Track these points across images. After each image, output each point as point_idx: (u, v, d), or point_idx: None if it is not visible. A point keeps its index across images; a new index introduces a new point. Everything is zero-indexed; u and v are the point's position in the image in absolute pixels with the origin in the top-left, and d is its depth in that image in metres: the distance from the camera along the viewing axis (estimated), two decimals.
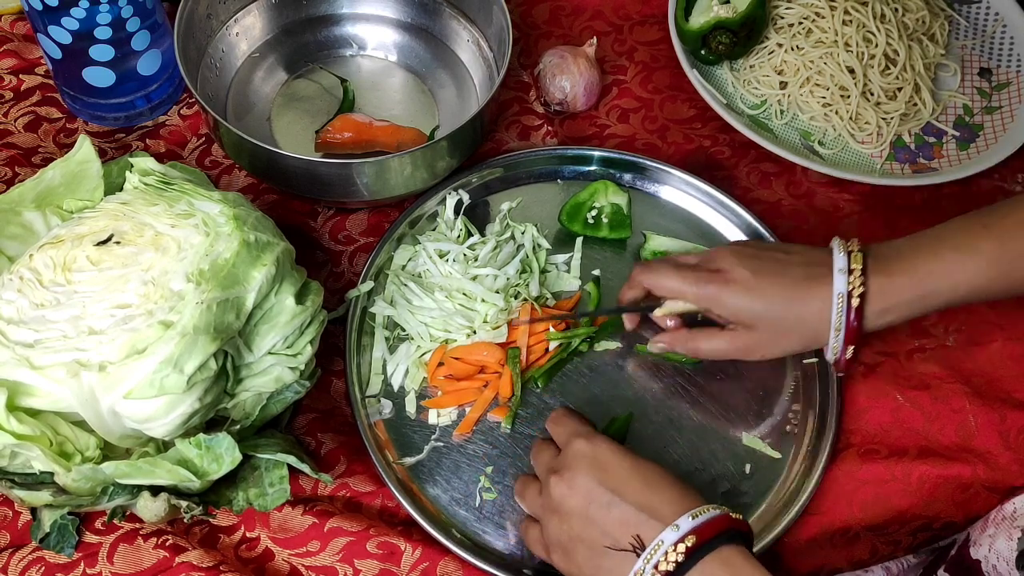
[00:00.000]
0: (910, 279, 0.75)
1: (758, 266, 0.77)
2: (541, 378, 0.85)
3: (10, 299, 0.70)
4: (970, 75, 1.08)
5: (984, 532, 0.77)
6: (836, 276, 0.75)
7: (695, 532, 0.62)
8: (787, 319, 0.76)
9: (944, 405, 0.85)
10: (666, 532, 0.63)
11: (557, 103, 1.00)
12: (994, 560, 0.75)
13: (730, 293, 0.76)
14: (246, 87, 1.00)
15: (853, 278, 0.74)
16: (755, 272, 0.76)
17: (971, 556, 0.77)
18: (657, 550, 0.62)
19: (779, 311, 0.76)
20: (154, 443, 0.71)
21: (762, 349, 0.78)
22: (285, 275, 0.74)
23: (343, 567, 0.75)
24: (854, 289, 0.74)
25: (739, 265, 0.77)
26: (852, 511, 0.81)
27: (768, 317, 0.76)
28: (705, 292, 0.78)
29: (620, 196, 0.94)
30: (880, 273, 0.75)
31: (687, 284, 0.78)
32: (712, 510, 0.64)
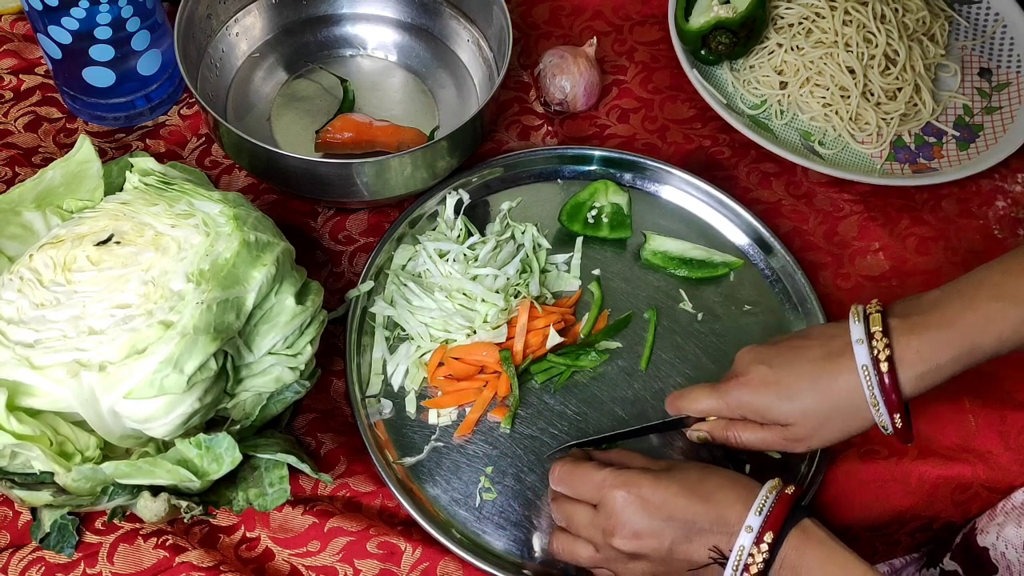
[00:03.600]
0: (950, 335, 0.68)
1: (774, 359, 0.73)
2: (539, 376, 0.85)
3: (10, 299, 0.70)
4: (970, 75, 1.08)
5: (992, 521, 0.77)
6: (855, 348, 0.69)
7: (768, 526, 0.64)
8: (820, 407, 0.71)
9: (944, 405, 0.85)
10: (743, 536, 0.65)
11: (557, 103, 1.00)
12: (1003, 547, 0.75)
13: (753, 395, 0.73)
14: (246, 87, 1.00)
15: (875, 343, 0.69)
16: (772, 366, 0.72)
17: (978, 544, 0.77)
18: (742, 554, 0.64)
19: (808, 401, 0.71)
20: (154, 443, 0.71)
21: (807, 441, 0.73)
22: (285, 275, 0.74)
23: (343, 567, 0.75)
24: (879, 355, 0.68)
25: (756, 363, 0.73)
26: (852, 511, 0.81)
27: (799, 409, 0.71)
28: (732, 401, 0.74)
29: (620, 196, 0.94)
30: (909, 333, 0.69)
31: (715, 400, 0.75)
32: (770, 494, 0.66)
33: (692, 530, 0.67)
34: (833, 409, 0.71)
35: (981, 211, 0.99)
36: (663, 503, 0.67)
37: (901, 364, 0.68)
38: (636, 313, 0.89)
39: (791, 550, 0.64)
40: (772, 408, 0.72)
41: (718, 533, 0.66)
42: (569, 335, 0.87)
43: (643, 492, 0.68)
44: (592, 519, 0.70)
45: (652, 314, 0.89)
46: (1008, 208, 0.99)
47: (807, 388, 0.71)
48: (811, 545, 0.64)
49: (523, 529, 0.79)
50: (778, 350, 0.74)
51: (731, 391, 0.74)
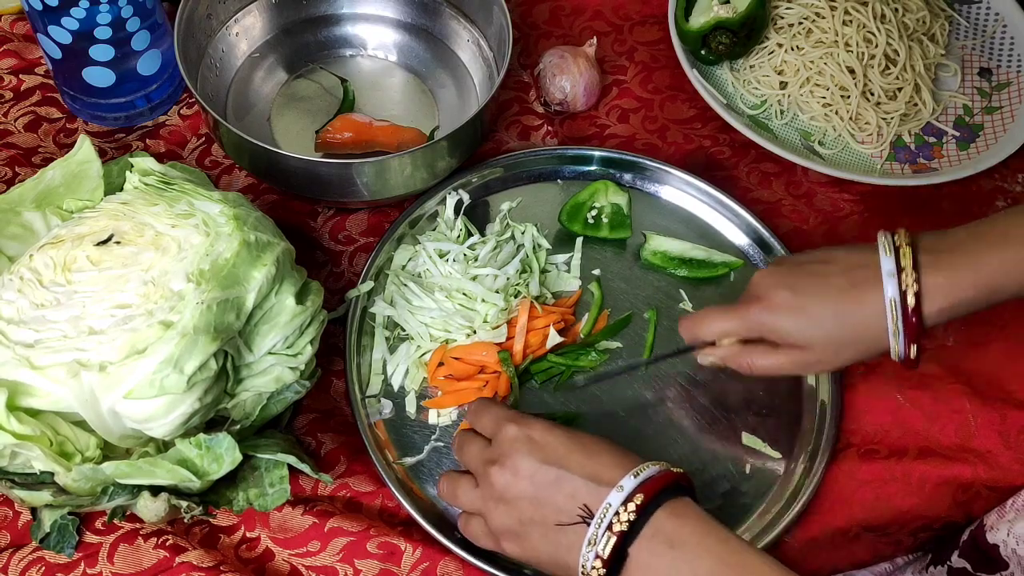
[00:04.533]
0: (975, 273, 0.69)
1: (796, 283, 0.73)
2: (539, 376, 0.85)
3: (10, 299, 0.70)
4: (970, 75, 1.08)
5: (1003, 518, 0.77)
6: (886, 280, 0.70)
7: (641, 490, 0.63)
8: (841, 334, 0.72)
9: (944, 405, 0.85)
10: (612, 494, 0.63)
11: (557, 103, 1.00)
12: (1013, 544, 0.75)
13: (775, 318, 0.73)
14: (246, 87, 1.00)
15: (905, 277, 0.69)
16: (795, 291, 0.73)
17: (988, 541, 0.77)
18: (607, 512, 0.63)
19: (830, 327, 0.72)
20: (154, 443, 0.71)
21: (821, 365, 0.75)
22: (285, 275, 0.74)
23: (343, 567, 0.75)
24: (907, 289, 0.69)
25: (777, 287, 0.73)
26: (852, 511, 0.81)
27: (820, 335, 0.72)
28: (751, 323, 0.74)
29: (620, 196, 0.94)
30: (936, 270, 0.69)
31: (732, 321, 0.75)
32: (652, 466, 0.65)
33: (565, 480, 0.65)
34: (853, 336, 0.72)
35: (981, 211, 0.99)
36: (547, 445, 0.67)
37: (926, 299, 0.70)
38: (636, 313, 0.89)
39: (667, 519, 0.62)
40: (793, 332, 0.73)
41: (591, 491, 0.64)
42: (569, 335, 0.87)
43: (533, 432, 0.68)
44: (481, 450, 0.70)
45: (652, 314, 0.89)
46: (1008, 208, 0.99)
47: (830, 316, 0.72)
48: (690, 517, 0.63)
49: None
50: (800, 274, 0.74)
51: (751, 313, 0.74)
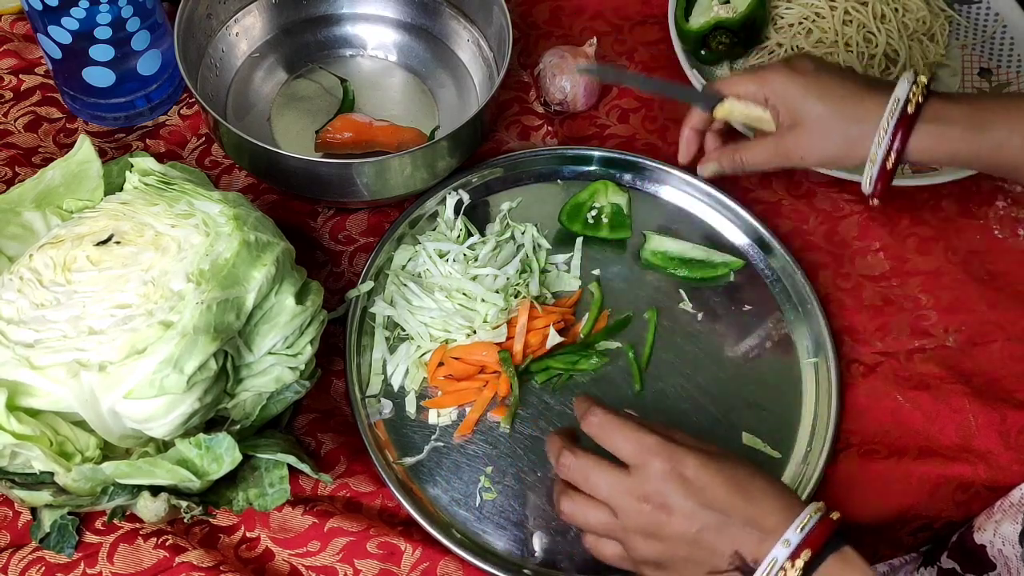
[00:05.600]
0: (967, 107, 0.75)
1: (824, 65, 0.79)
2: (539, 376, 0.85)
3: (10, 299, 0.70)
4: (970, 75, 1.08)
5: (990, 519, 0.77)
6: (899, 84, 0.76)
7: (807, 543, 0.61)
8: (835, 115, 0.77)
9: (944, 405, 0.85)
10: (778, 548, 0.61)
11: (557, 103, 1.00)
12: (999, 544, 0.75)
13: (791, 81, 0.78)
14: (246, 87, 1.00)
15: (916, 88, 0.75)
16: (817, 67, 0.79)
17: (975, 541, 0.77)
18: (773, 567, 0.61)
19: (831, 106, 0.77)
20: (154, 443, 0.71)
21: (802, 149, 0.79)
22: (285, 275, 0.74)
23: (343, 567, 0.75)
24: (912, 96, 0.74)
25: (807, 59, 0.79)
26: (852, 511, 0.81)
27: (819, 109, 0.77)
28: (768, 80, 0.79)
29: (620, 196, 0.94)
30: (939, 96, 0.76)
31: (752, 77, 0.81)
32: (813, 514, 0.62)
33: (724, 524, 0.63)
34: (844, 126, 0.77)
35: (981, 211, 0.99)
36: (704, 487, 0.63)
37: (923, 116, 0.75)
38: (636, 313, 0.89)
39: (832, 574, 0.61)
40: (799, 97, 0.78)
41: (748, 537, 0.62)
42: (569, 335, 0.87)
43: (687, 470, 0.64)
44: (619, 481, 0.65)
45: (652, 314, 0.89)
46: (1008, 208, 0.99)
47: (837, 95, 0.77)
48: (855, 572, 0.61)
49: (523, 529, 0.79)
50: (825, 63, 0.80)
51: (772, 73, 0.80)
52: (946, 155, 0.76)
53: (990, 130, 0.75)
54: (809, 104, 0.77)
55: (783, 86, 0.79)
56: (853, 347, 0.89)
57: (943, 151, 0.76)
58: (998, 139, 0.75)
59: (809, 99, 0.77)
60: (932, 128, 0.75)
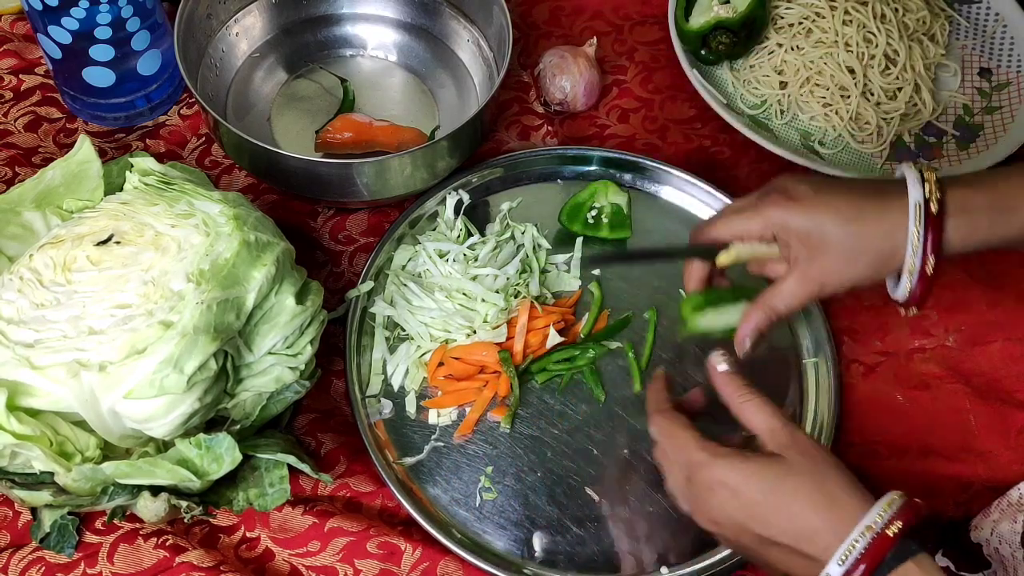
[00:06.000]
0: (990, 192, 0.69)
1: (822, 186, 0.71)
2: (539, 376, 0.85)
3: (10, 299, 0.70)
4: (970, 75, 1.08)
5: (987, 518, 0.77)
6: (911, 186, 0.68)
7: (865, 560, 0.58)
8: (858, 236, 0.69)
9: (944, 405, 0.85)
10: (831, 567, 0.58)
11: (557, 103, 1.00)
12: (996, 543, 0.75)
13: (795, 212, 0.69)
14: (246, 87, 1.00)
15: (929, 186, 0.68)
16: (817, 190, 0.70)
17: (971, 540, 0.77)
18: None
19: (851, 227, 0.69)
20: (154, 443, 0.71)
21: (832, 277, 0.70)
22: (285, 275, 0.74)
23: (343, 567, 0.75)
24: (931, 196, 0.67)
25: (801, 183, 0.71)
26: None
27: (838, 234, 0.69)
28: (769, 217, 0.71)
29: (620, 196, 0.94)
30: (956, 186, 0.69)
31: (751, 219, 0.72)
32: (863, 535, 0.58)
33: (768, 543, 0.62)
34: (871, 244, 0.69)
35: None
36: (748, 504, 0.62)
37: (949, 212, 0.68)
38: (636, 313, 0.89)
39: None
40: (812, 227, 0.69)
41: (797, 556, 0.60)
42: (569, 335, 0.87)
43: (731, 482, 0.63)
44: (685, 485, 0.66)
45: (652, 314, 0.89)
46: None
47: (851, 212, 0.69)
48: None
49: (523, 529, 0.79)
50: (821, 181, 0.72)
51: (771, 209, 0.71)
52: (979, 243, 0.70)
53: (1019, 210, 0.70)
54: (827, 231, 0.69)
55: (789, 219, 0.70)
56: (853, 347, 0.89)
57: (975, 240, 0.70)
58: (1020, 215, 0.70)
59: (825, 226, 0.69)
60: (960, 222, 0.69)
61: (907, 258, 0.68)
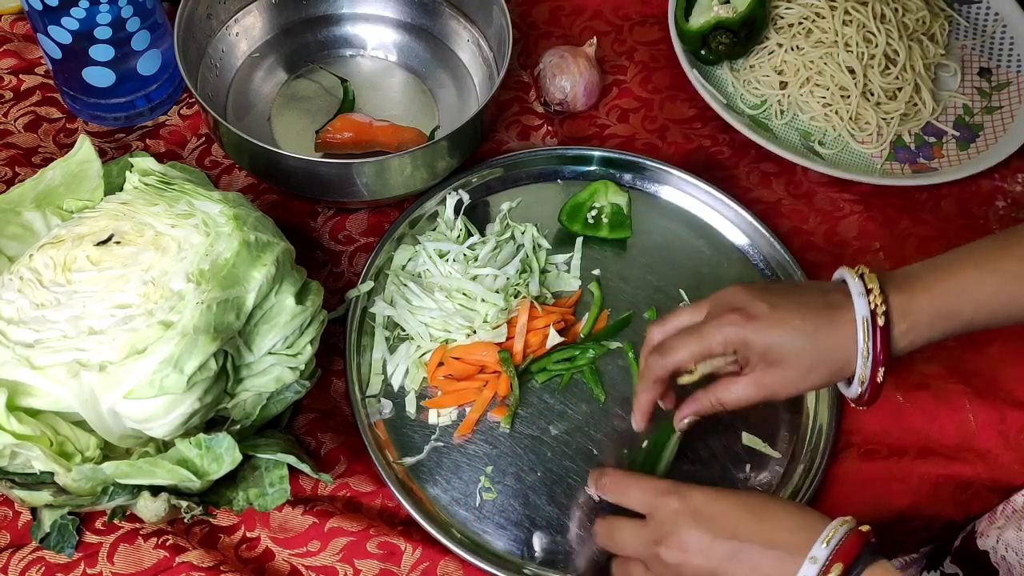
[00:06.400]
0: (931, 296, 0.70)
1: (775, 300, 0.72)
2: (539, 376, 0.85)
3: (10, 299, 0.70)
4: (970, 75, 1.08)
5: (992, 524, 0.77)
6: (856, 300, 0.70)
7: (837, 557, 0.60)
8: (815, 351, 0.71)
9: (944, 405, 0.85)
10: (805, 567, 0.60)
11: (557, 103, 1.00)
12: (1003, 551, 0.75)
13: (755, 330, 0.71)
14: (246, 87, 1.00)
15: (873, 298, 0.70)
16: (773, 306, 0.71)
17: (978, 547, 0.77)
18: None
19: (807, 343, 0.70)
20: (154, 443, 0.71)
21: (788, 386, 0.72)
22: (285, 275, 0.74)
23: (343, 567, 0.75)
24: (876, 309, 0.69)
25: (756, 300, 0.72)
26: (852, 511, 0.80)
27: (797, 349, 0.70)
28: (730, 336, 0.71)
29: (620, 196, 0.94)
30: (898, 292, 0.71)
31: (709, 339, 0.72)
32: (839, 527, 0.61)
33: (743, 552, 0.62)
34: (826, 357, 0.71)
35: (981, 211, 0.99)
36: (715, 516, 0.64)
37: (894, 319, 0.70)
38: (636, 313, 0.89)
39: None
40: (771, 345, 0.70)
41: (771, 560, 0.61)
42: (569, 335, 0.87)
43: (696, 503, 0.65)
44: (638, 531, 0.68)
45: (652, 314, 0.89)
46: (1008, 208, 0.99)
47: (810, 329, 0.70)
48: None
49: (523, 529, 0.79)
50: (775, 294, 0.73)
51: (731, 326, 0.71)
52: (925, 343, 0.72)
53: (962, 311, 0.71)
54: (786, 348, 0.70)
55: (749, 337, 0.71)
56: None
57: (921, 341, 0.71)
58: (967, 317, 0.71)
59: (784, 343, 0.70)
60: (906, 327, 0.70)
61: (858, 368, 0.70)
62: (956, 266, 0.72)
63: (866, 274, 0.72)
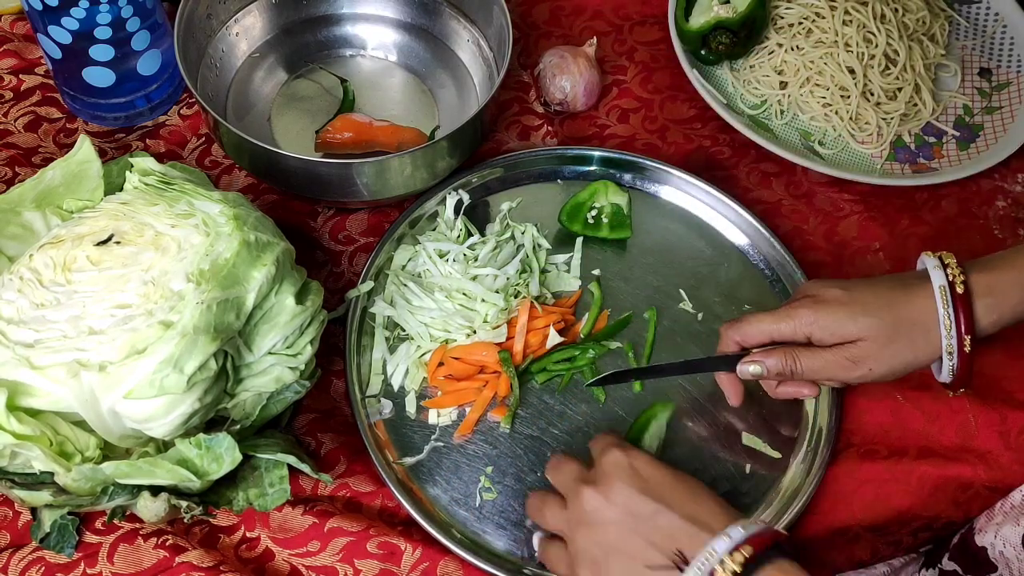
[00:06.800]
0: (1016, 273, 0.72)
1: (849, 285, 0.74)
2: (539, 376, 0.85)
3: (10, 299, 0.70)
4: (970, 75, 1.08)
5: (991, 521, 0.77)
6: (932, 272, 0.72)
7: (750, 542, 0.60)
8: (892, 324, 0.72)
9: (944, 405, 0.85)
10: (718, 540, 0.60)
11: (557, 103, 1.00)
12: (1000, 546, 0.75)
13: (827, 312, 0.72)
14: (246, 87, 1.00)
15: (951, 270, 0.71)
16: (845, 288, 0.73)
17: (976, 543, 0.77)
18: (710, 559, 0.59)
19: (883, 316, 0.72)
20: (154, 443, 0.71)
21: (871, 361, 0.73)
22: (285, 275, 0.74)
23: (343, 567, 0.75)
24: (955, 279, 0.71)
25: (828, 286, 0.74)
26: (852, 511, 0.81)
27: (872, 325, 0.72)
28: (801, 321, 0.73)
29: (620, 196, 0.94)
30: (981, 271, 0.72)
31: (781, 320, 0.74)
32: (760, 524, 0.62)
33: (662, 515, 0.63)
34: (904, 328, 0.72)
35: (981, 211, 0.99)
36: (651, 479, 0.65)
37: (974, 295, 0.71)
38: (636, 313, 0.89)
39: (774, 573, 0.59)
40: (844, 324, 0.72)
41: (691, 535, 0.62)
42: (569, 335, 0.87)
43: (636, 462, 0.66)
44: (578, 472, 0.69)
45: (652, 314, 0.89)
46: (1008, 208, 0.99)
47: (882, 305, 0.72)
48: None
49: (523, 529, 0.79)
50: (847, 281, 0.75)
51: (801, 310, 0.73)
52: (1011, 320, 0.73)
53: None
54: (861, 322, 0.72)
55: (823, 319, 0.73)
56: None
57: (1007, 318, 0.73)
58: None
59: (859, 320, 0.72)
60: (990, 302, 0.72)
61: (943, 340, 0.71)
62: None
63: (943, 254, 0.74)
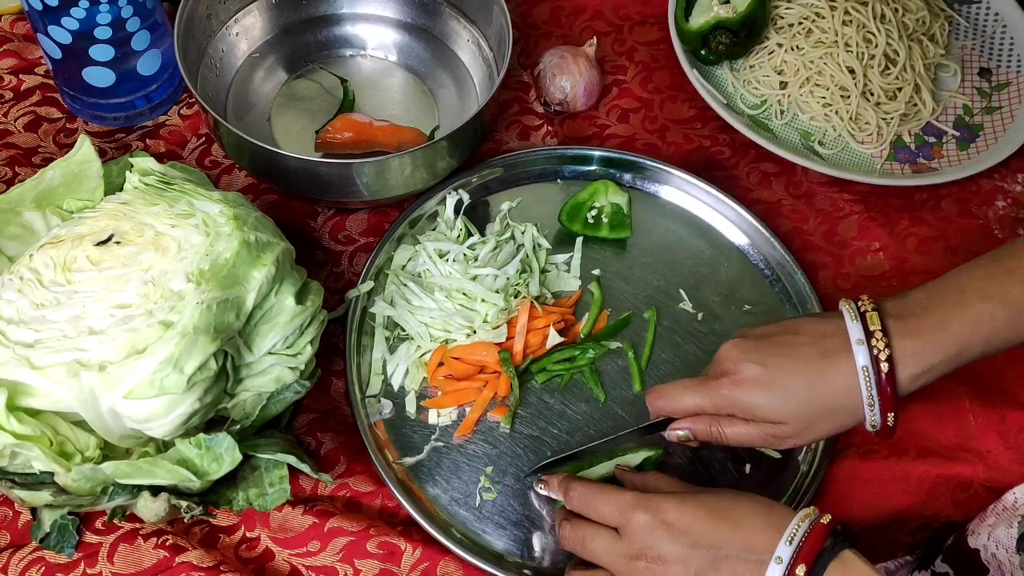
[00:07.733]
0: (943, 337, 0.69)
1: (765, 357, 0.71)
2: (539, 376, 0.85)
3: (10, 299, 0.70)
4: (970, 75, 1.08)
5: (983, 522, 0.77)
6: (855, 349, 0.68)
7: (801, 558, 0.61)
8: (814, 407, 0.70)
9: (944, 405, 0.85)
10: (772, 569, 0.61)
11: (557, 103, 1.00)
12: (993, 548, 0.75)
13: (745, 394, 0.70)
14: (246, 87, 1.00)
15: (875, 342, 0.68)
16: (764, 364, 0.70)
17: (969, 545, 0.77)
18: None
19: (803, 401, 0.70)
20: (154, 443, 0.71)
21: (795, 439, 0.72)
22: (285, 275, 0.74)
23: (343, 567, 0.75)
24: (879, 354, 0.68)
25: (745, 361, 0.71)
26: (852, 511, 0.81)
27: (793, 410, 0.70)
28: (721, 400, 0.72)
29: (620, 196, 0.94)
30: (905, 335, 0.69)
31: (700, 397, 0.73)
32: (802, 522, 0.62)
33: (718, 557, 0.63)
34: (826, 409, 0.70)
35: (981, 211, 0.99)
36: (689, 527, 0.64)
37: (899, 365, 0.68)
38: (636, 313, 0.89)
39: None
40: (764, 408, 0.70)
41: (746, 561, 0.62)
42: (569, 335, 0.87)
43: (668, 516, 0.65)
44: (613, 544, 0.67)
45: (652, 314, 0.89)
46: (1008, 208, 0.99)
47: (802, 388, 0.70)
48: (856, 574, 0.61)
49: (523, 529, 0.79)
50: (768, 347, 0.72)
51: (720, 389, 0.72)
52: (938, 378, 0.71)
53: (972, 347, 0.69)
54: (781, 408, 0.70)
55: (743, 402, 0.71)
56: None
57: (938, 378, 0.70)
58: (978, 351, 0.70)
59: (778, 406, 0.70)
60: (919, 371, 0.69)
61: (867, 415, 0.70)
62: (961, 298, 0.70)
63: (868, 312, 0.70)
